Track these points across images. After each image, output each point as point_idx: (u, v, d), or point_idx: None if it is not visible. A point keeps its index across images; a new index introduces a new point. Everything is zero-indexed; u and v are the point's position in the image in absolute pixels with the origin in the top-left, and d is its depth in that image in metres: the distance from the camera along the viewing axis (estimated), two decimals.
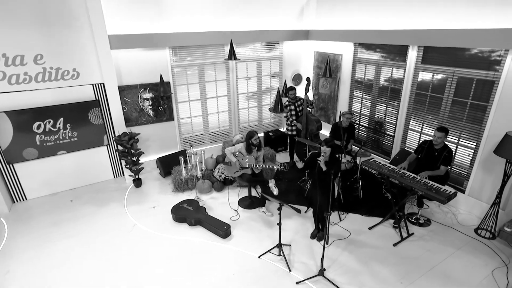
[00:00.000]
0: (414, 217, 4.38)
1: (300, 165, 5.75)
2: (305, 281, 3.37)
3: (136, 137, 5.21)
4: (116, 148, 5.22)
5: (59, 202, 5.00)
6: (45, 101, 4.71)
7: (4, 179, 4.81)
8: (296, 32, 6.46)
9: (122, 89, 5.23)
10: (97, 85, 5.03)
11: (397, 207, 4.01)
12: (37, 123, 4.71)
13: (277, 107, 4.60)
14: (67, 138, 5.01)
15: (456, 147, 4.55)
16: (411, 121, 5.15)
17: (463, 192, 4.57)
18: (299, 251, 3.82)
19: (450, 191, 3.54)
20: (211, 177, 5.37)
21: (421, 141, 4.48)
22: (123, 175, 5.69)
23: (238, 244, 3.98)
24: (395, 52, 5.14)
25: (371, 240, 4.01)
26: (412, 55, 4.82)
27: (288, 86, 5.65)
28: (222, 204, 4.87)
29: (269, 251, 3.77)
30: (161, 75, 5.20)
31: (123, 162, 5.40)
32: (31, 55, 4.44)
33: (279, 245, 3.65)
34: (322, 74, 5.76)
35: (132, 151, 5.19)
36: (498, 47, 3.70)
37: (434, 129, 4.60)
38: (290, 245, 3.92)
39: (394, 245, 3.90)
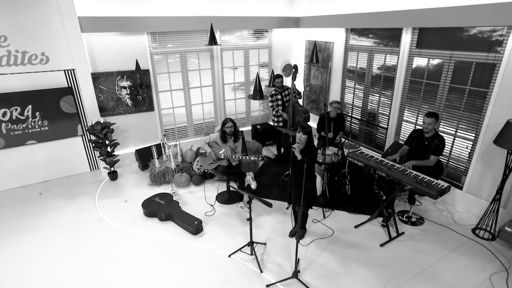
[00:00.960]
0: (405, 215, 3.99)
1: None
2: (277, 283, 3.01)
3: (110, 127, 4.91)
4: (89, 139, 4.91)
5: (29, 194, 4.71)
6: (11, 87, 4.42)
7: None
8: (286, 19, 6.09)
9: (97, 76, 4.93)
10: (69, 71, 4.73)
11: (385, 204, 3.62)
12: (2, 110, 4.43)
13: (256, 94, 4.25)
14: (36, 127, 4.72)
15: (454, 139, 4.14)
16: (405, 111, 4.75)
17: (461, 188, 4.16)
18: (275, 251, 3.47)
19: (443, 185, 3.15)
20: (190, 170, 5.04)
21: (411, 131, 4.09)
22: (99, 167, 5.39)
23: (209, 241, 3.64)
24: (388, 37, 4.75)
25: (356, 239, 3.64)
26: (406, 39, 4.42)
27: (275, 74, 5.29)
28: (199, 198, 4.54)
29: (240, 249, 3.41)
30: (136, 61, 4.89)
31: (97, 154, 5.09)
32: None
33: (251, 243, 3.29)
34: (309, 60, 5.37)
35: (106, 141, 4.88)
36: (500, 24, 3.29)
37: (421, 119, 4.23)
38: (265, 244, 3.56)
39: (381, 245, 3.52)
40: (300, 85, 6.57)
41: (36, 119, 4.68)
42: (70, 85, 4.79)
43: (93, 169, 5.45)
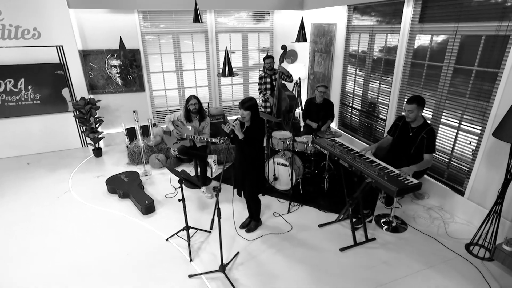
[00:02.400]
0: (386, 219, 3.36)
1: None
2: (201, 275, 2.68)
3: (96, 104, 4.96)
4: (74, 114, 5.02)
5: (19, 164, 4.97)
6: (5, 60, 4.66)
7: None
8: (289, 0, 5.64)
9: (87, 54, 5.02)
10: (60, 47, 4.88)
11: (350, 201, 3.05)
12: None
13: (225, 70, 3.91)
14: (29, 100, 4.95)
15: (457, 133, 3.38)
16: (405, 100, 4.03)
17: (462, 194, 3.39)
18: (217, 241, 3.11)
19: (411, 181, 2.52)
20: (168, 152, 4.88)
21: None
22: (87, 145, 5.50)
23: (155, 223, 3.42)
24: (390, 12, 4.08)
25: (315, 240, 3.13)
26: (408, 13, 3.74)
27: (266, 55, 4.89)
28: (168, 180, 4.35)
29: (176, 234, 3.13)
30: (120, 38, 4.87)
31: (82, 129, 5.19)
32: None
33: (187, 228, 2.99)
34: (295, 39, 4.85)
35: (91, 118, 4.94)
36: None
37: (430, 110, 3.54)
38: (210, 232, 3.23)
39: (341, 249, 2.97)
40: (302, 73, 6.06)
41: (28, 92, 4.91)
42: (61, 61, 4.94)
43: (85, 146, 5.59)
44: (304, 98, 6.59)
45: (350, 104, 5.16)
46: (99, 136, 5.09)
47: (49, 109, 5.10)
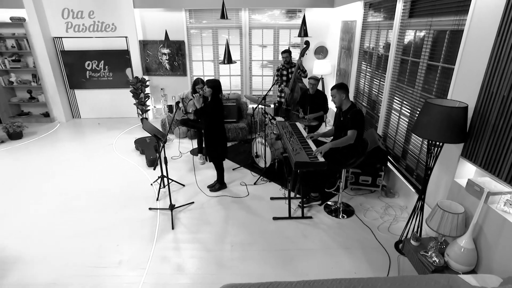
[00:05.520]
0: (332, 206, 3.51)
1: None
2: (157, 210, 3.49)
3: (146, 83, 6.31)
4: (130, 89, 6.48)
5: (93, 123, 6.74)
6: (93, 46, 6.41)
7: (69, 100, 6.91)
8: None
9: (146, 43, 6.40)
10: (127, 38, 6.38)
11: (288, 178, 3.36)
12: (87, 62, 6.50)
13: (225, 58, 4.55)
14: (105, 77, 6.64)
15: None
16: (395, 97, 3.96)
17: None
18: (185, 193, 3.88)
19: (316, 159, 2.73)
20: None
21: None
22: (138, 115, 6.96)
23: (153, 173, 4.38)
24: (390, 8, 4.04)
25: (259, 208, 3.56)
26: (399, 8, 3.69)
27: (285, 49, 5.32)
28: (180, 147, 5.33)
29: (155, 181, 4.03)
30: (166, 31, 6.04)
31: (134, 101, 6.60)
32: (87, 11, 6.15)
33: (162, 177, 3.83)
34: (298, 34, 5.08)
35: (141, 93, 6.32)
36: None
37: (409, 108, 3.54)
38: (184, 185, 4.02)
39: (274, 218, 3.35)
40: (327, 69, 6.21)
41: (105, 71, 6.59)
42: (128, 49, 6.45)
43: (138, 115, 7.08)
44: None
45: (361, 103, 5.15)
46: (146, 109, 6.45)
47: (117, 84, 6.72)
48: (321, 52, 6.48)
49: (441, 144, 2.40)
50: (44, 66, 6.25)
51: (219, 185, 3.93)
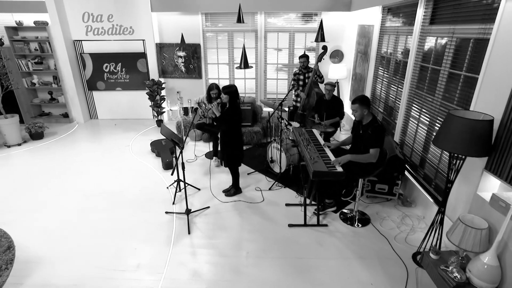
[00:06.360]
0: (348, 214, 3.49)
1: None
2: (173, 214, 3.54)
3: (161, 85, 6.40)
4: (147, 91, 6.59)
5: (110, 124, 6.88)
6: (112, 49, 6.55)
7: (87, 101, 7.08)
8: (336, 0, 5.83)
9: (162, 46, 6.50)
10: (144, 40, 6.49)
11: (305, 185, 3.35)
12: (105, 64, 6.65)
13: (241, 63, 4.57)
14: (122, 78, 6.77)
15: None
16: (413, 105, 3.89)
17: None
18: (200, 197, 3.92)
19: (334, 169, 2.71)
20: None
21: None
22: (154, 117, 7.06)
23: (169, 175, 4.44)
24: (409, 14, 3.97)
25: (275, 214, 3.57)
26: (419, 14, 3.63)
27: (303, 54, 5.30)
28: (196, 150, 5.38)
29: (171, 184, 4.08)
30: (182, 34, 6.12)
31: (149, 103, 6.70)
32: (106, 14, 6.29)
33: (177, 181, 3.88)
34: (315, 38, 5.04)
35: (157, 95, 6.41)
36: None
37: (429, 116, 3.49)
38: (199, 189, 4.06)
39: (290, 225, 3.35)
40: (343, 73, 6.16)
41: (122, 72, 6.73)
42: (144, 51, 6.56)
43: (154, 117, 7.20)
44: (346, 99, 6.64)
45: (378, 108, 5.08)
46: (162, 111, 6.54)
47: (133, 86, 6.84)
48: (337, 56, 6.43)
49: (463, 157, 2.34)
50: (64, 68, 6.43)
51: (234, 190, 3.95)
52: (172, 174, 3.24)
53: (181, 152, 3.15)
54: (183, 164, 3.26)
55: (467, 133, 2.15)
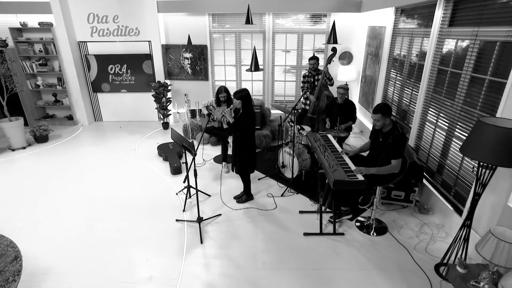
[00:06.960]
0: (364, 222, 3.38)
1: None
2: (184, 222, 3.44)
3: (168, 87, 6.30)
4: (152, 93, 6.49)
5: (115, 126, 6.78)
6: (116, 50, 6.45)
7: (91, 103, 6.99)
8: (346, 1, 5.72)
9: (168, 47, 6.39)
10: (150, 42, 6.39)
11: (321, 192, 3.24)
12: (111, 65, 6.55)
13: (252, 66, 4.46)
14: (127, 80, 6.67)
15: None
16: (429, 109, 3.78)
17: (461, 214, 3.09)
18: (211, 203, 3.81)
19: (355, 178, 2.60)
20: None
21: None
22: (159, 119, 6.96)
23: (177, 181, 4.34)
24: (426, 15, 3.86)
25: (288, 221, 3.46)
26: (438, 16, 3.52)
27: (312, 56, 5.19)
28: (204, 154, 5.28)
29: (181, 190, 3.98)
30: (188, 36, 6.01)
31: (155, 105, 6.59)
32: (111, 15, 6.18)
33: (188, 187, 3.78)
34: (326, 40, 4.92)
35: (163, 98, 6.31)
36: None
37: (447, 121, 3.37)
38: (209, 196, 3.96)
39: (305, 234, 3.24)
40: (352, 75, 6.05)
41: (128, 74, 6.62)
42: (150, 53, 6.46)
43: (159, 120, 7.09)
44: (355, 101, 6.53)
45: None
46: (168, 113, 6.44)
47: (138, 88, 6.74)
48: (346, 57, 6.32)
49: (494, 166, 2.23)
50: (69, 70, 6.33)
51: (246, 196, 3.84)
52: (184, 182, 3.13)
53: (193, 160, 3.04)
54: (195, 171, 3.16)
55: (501, 142, 2.04)
